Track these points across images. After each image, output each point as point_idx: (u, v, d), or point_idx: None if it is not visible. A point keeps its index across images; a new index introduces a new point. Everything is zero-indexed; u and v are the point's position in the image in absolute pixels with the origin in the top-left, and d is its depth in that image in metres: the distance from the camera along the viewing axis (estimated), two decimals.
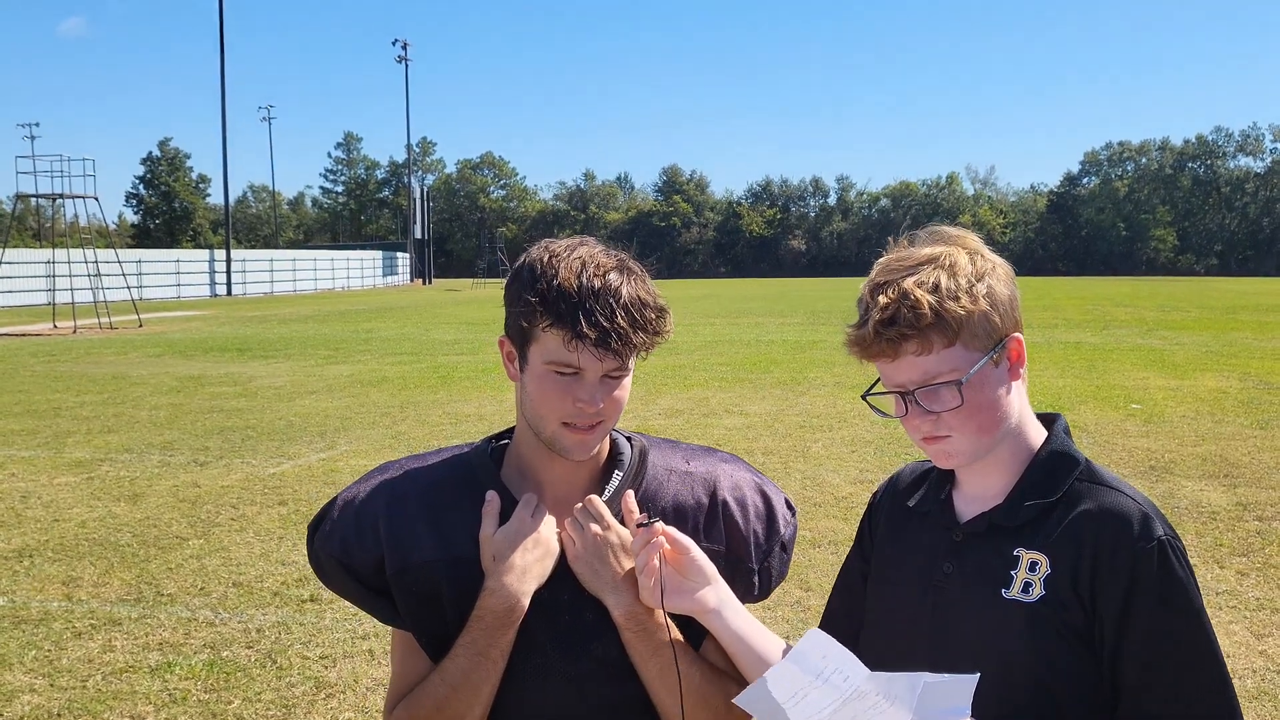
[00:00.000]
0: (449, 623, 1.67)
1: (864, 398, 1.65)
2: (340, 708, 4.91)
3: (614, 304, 1.57)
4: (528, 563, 1.64)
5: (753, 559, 1.76)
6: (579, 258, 1.61)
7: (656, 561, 1.63)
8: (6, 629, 5.91)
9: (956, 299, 1.52)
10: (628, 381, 1.67)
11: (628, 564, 1.66)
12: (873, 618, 1.76)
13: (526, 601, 1.64)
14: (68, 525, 8.09)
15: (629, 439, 1.82)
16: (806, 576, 6.57)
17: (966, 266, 1.56)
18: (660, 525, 1.65)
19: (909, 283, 1.53)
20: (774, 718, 1.41)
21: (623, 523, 1.70)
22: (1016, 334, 1.59)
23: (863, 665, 1.37)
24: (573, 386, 1.61)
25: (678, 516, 1.73)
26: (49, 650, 5.61)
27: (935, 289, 1.53)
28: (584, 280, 1.58)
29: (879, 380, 1.62)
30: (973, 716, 1.39)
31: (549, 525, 1.68)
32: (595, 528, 1.67)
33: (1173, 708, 1.50)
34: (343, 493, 1.77)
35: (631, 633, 1.65)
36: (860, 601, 1.81)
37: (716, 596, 1.67)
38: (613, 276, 1.60)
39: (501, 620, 1.62)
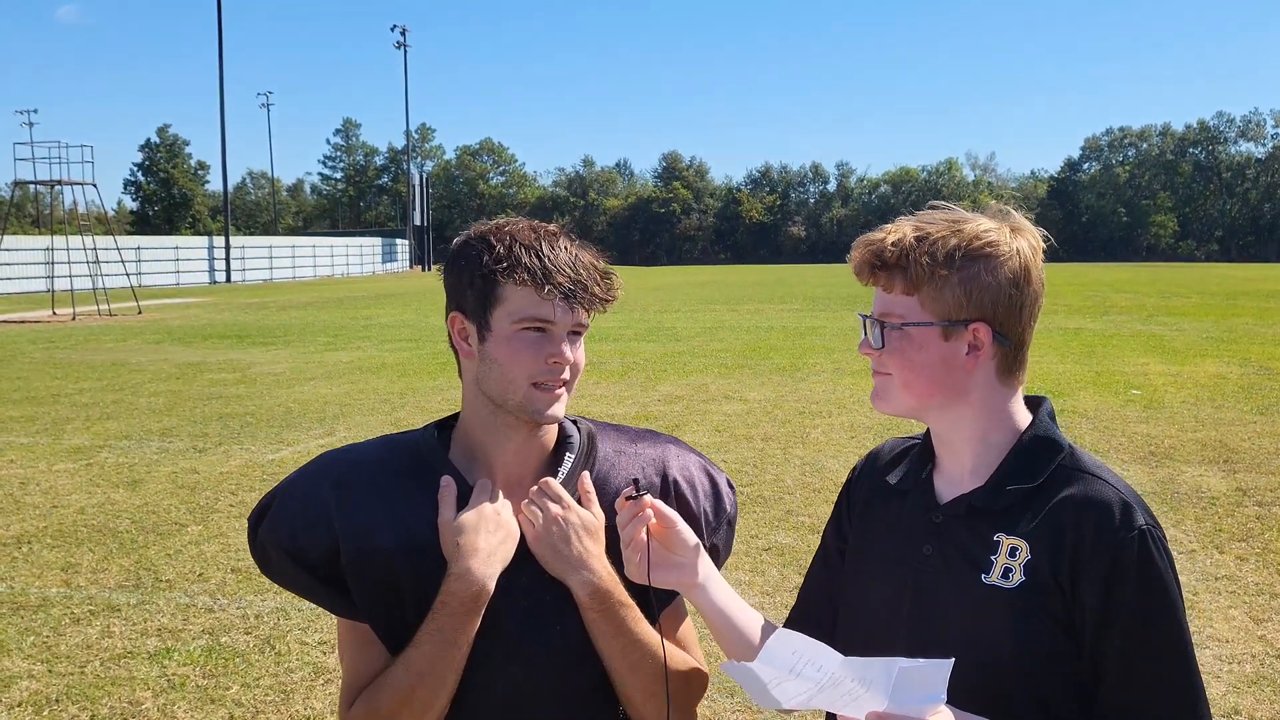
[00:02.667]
0: (407, 610, 1.64)
1: (860, 315, 1.70)
2: (338, 693, 4.90)
3: (574, 260, 1.63)
4: (491, 546, 1.62)
5: (705, 536, 1.77)
6: (524, 225, 1.67)
7: (644, 535, 1.64)
8: (5, 615, 5.91)
9: (932, 257, 1.54)
10: (583, 344, 1.70)
11: (589, 544, 1.65)
12: (851, 595, 1.75)
13: (493, 585, 1.62)
14: (66, 512, 8.09)
15: (574, 421, 1.81)
16: (805, 562, 6.55)
17: (972, 241, 1.55)
18: (648, 499, 1.65)
19: (909, 225, 1.58)
20: (758, 694, 1.40)
21: (580, 504, 1.69)
22: (982, 324, 1.56)
23: (835, 653, 1.35)
24: (543, 343, 1.63)
25: None
26: (47, 636, 5.61)
27: (921, 240, 1.55)
28: (540, 239, 1.63)
29: None
30: (948, 703, 1.38)
31: (507, 508, 1.67)
32: (555, 508, 1.66)
33: (1141, 698, 1.50)
34: (284, 483, 1.74)
35: (595, 613, 1.64)
36: (838, 577, 1.80)
37: (702, 570, 1.69)
38: (564, 240, 1.66)
39: (468, 606, 1.60)
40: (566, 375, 1.65)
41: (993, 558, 1.55)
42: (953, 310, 1.55)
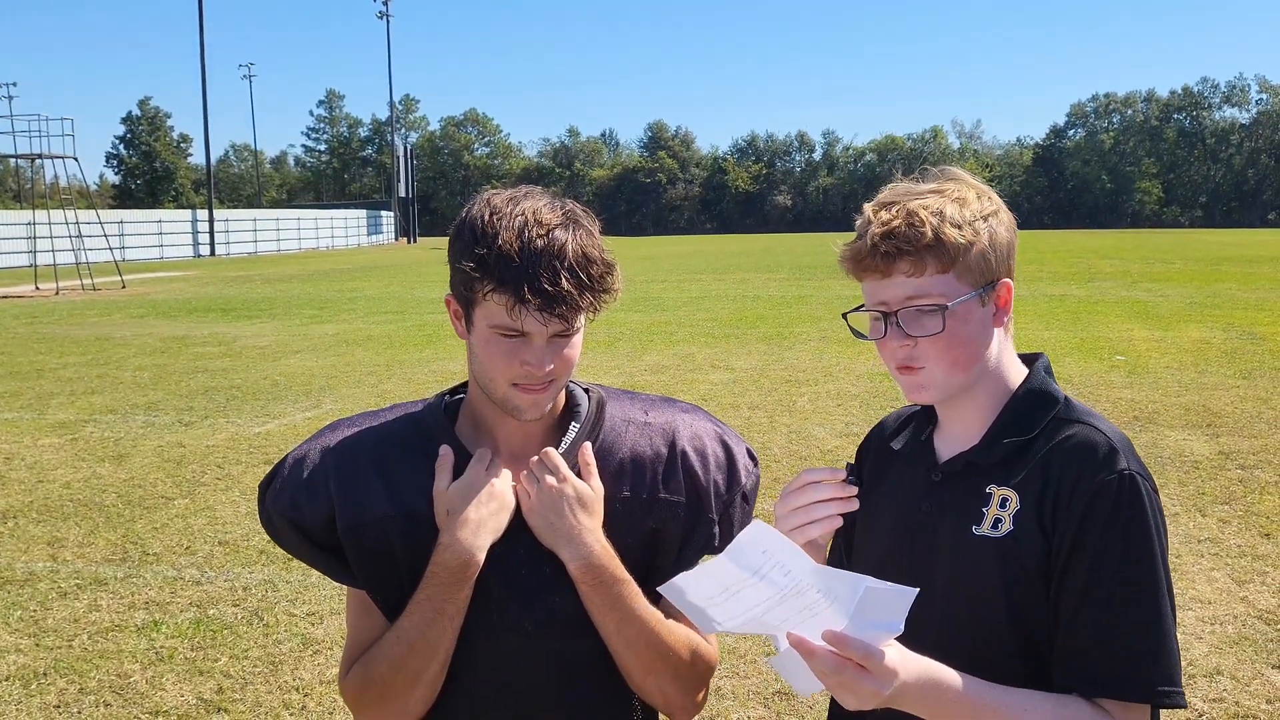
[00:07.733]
0: (403, 579, 1.63)
1: (844, 315, 1.65)
2: (327, 664, 4.92)
3: (558, 265, 1.51)
4: (482, 517, 1.60)
5: (713, 509, 1.72)
6: (522, 213, 1.55)
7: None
8: None
9: (958, 228, 1.53)
10: (578, 340, 1.63)
11: (583, 517, 1.62)
12: (858, 559, 1.76)
13: (481, 557, 1.60)
14: (52, 486, 8.06)
15: (586, 390, 1.77)
16: None
17: (974, 203, 1.57)
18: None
19: (915, 203, 1.55)
20: (696, 614, 1.38)
21: (579, 475, 1.66)
22: (1007, 280, 1.60)
23: (807, 558, 1.30)
24: (519, 349, 1.57)
25: (635, 468, 1.70)
26: (34, 610, 5.60)
27: (939, 214, 1.54)
28: (526, 241, 1.52)
29: (863, 305, 1.62)
30: (941, 658, 1.39)
31: (504, 479, 1.65)
32: (551, 480, 1.63)
33: (1103, 644, 1.47)
34: (293, 450, 1.73)
35: (588, 586, 1.62)
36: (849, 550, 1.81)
37: None
38: (558, 234, 1.54)
39: (456, 576, 1.59)
40: (552, 377, 1.61)
41: (984, 510, 1.56)
42: (987, 274, 1.57)
